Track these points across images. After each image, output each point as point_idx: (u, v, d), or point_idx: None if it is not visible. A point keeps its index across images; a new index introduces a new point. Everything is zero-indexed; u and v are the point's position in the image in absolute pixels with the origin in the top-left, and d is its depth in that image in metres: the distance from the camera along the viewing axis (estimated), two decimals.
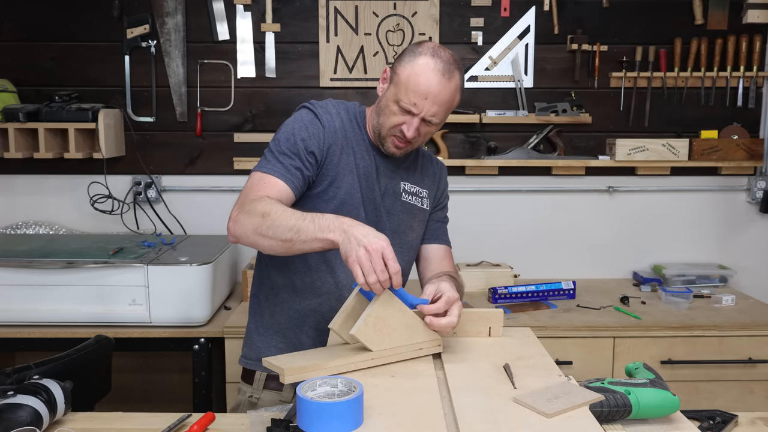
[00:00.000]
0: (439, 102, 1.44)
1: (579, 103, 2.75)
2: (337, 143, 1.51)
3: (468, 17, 2.74)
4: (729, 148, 2.73)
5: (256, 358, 1.56)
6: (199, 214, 2.80)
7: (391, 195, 1.58)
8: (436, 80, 1.43)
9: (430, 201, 1.67)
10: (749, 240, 2.89)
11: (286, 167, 1.45)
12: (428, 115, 1.45)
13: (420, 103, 1.44)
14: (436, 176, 1.70)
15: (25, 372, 1.32)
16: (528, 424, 1.05)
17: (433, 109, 1.45)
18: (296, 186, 1.45)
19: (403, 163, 1.61)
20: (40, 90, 2.71)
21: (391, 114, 1.48)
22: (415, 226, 1.63)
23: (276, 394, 1.55)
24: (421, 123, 1.47)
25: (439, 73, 1.43)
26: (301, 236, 1.28)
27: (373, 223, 1.53)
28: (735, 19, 2.74)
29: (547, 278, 2.72)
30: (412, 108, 1.44)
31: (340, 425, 1.02)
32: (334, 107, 1.56)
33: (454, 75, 1.46)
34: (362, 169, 1.53)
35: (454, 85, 1.46)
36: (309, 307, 1.54)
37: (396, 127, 1.48)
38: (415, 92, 1.43)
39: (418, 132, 1.48)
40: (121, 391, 2.15)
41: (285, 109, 2.74)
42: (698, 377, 2.30)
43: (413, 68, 1.44)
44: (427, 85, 1.42)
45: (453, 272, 1.62)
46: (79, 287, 2.21)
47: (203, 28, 2.73)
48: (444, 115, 1.49)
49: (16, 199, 2.80)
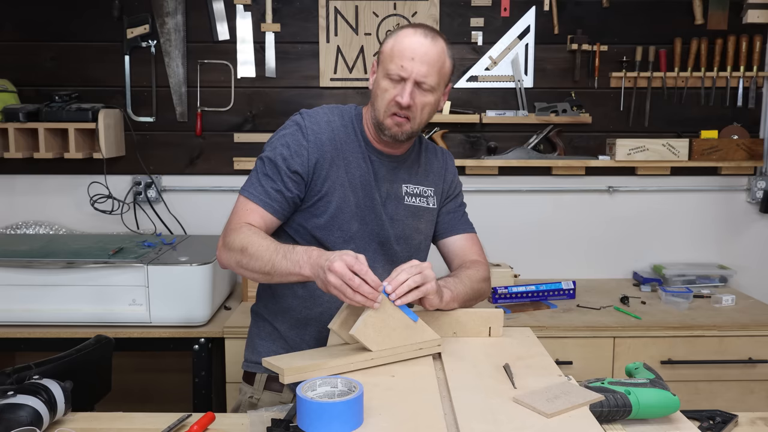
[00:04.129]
0: (427, 62, 1.43)
1: (579, 103, 2.75)
2: (325, 157, 1.49)
3: (468, 17, 2.74)
4: (729, 148, 2.73)
5: (258, 361, 1.56)
6: (199, 214, 2.80)
7: (393, 200, 1.56)
8: (419, 41, 1.43)
9: (438, 197, 1.65)
10: (749, 240, 2.89)
11: (266, 191, 1.46)
12: (419, 76, 1.43)
13: (408, 65, 1.42)
14: (441, 169, 1.67)
15: (25, 372, 1.32)
16: (528, 424, 1.05)
17: (423, 68, 1.42)
18: (278, 210, 1.47)
19: (404, 164, 1.59)
20: (40, 90, 2.71)
21: (383, 92, 1.46)
22: (421, 228, 1.61)
23: (276, 395, 1.55)
24: (415, 88, 1.44)
25: (421, 35, 1.44)
26: (277, 271, 1.34)
27: (375, 233, 1.53)
28: (735, 19, 2.74)
29: (547, 278, 2.72)
30: (401, 72, 1.43)
31: (340, 425, 1.02)
32: (326, 115, 1.53)
33: (438, 39, 1.46)
34: (358, 179, 1.52)
35: (440, 47, 1.45)
36: (310, 316, 1.54)
37: (391, 102, 1.45)
38: (400, 56, 1.43)
39: (414, 99, 1.44)
40: (121, 391, 2.14)
41: (285, 108, 2.75)
42: (698, 377, 2.30)
43: (396, 39, 1.46)
44: (412, 46, 1.43)
45: (477, 260, 1.62)
46: (79, 287, 2.20)
47: (203, 28, 2.73)
48: (436, 77, 1.45)
49: (16, 199, 2.80)
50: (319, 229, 1.50)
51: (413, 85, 1.44)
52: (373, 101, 1.51)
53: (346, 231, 1.51)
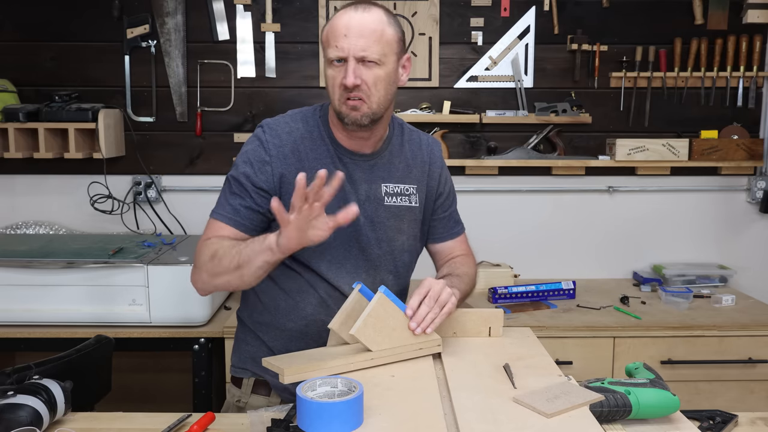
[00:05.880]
0: (363, 34, 1.33)
1: (579, 103, 2.75)
2: (290, 169, 1.42)
3: (468, 17, 2.74)
4: (729, 148, 2.73)
5: (244, 366, 1.54)
6: (199, 214, 2.76)
7: (372, 202, 1.48)
8: (350, 16, 1.35)
9: (421, 195, 1.56)
10: (749, 240, 2.89)
11: (235, 209, 1.43)
12: (358, 51, 1.33)
13: (342, 43, 1.33)
14: (426, 163, 1.57)
15: (25, 372, 1.32)
16: (528, 424, 1.05)
17: (360, 42, 1.33)
18: (248, 226, 1.43)
19: (380, 160, 1.50)
20: (40, 90, 2.71)
21: (331, 80, 1.38)
22: (404, 228, 1.53)
23: (264, 399, 1.51)
24: (359, 65, 1.34)
25: (351, 10, 1.36)
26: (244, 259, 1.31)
27: (353, 238, 1.47)
28: (735, 19, 2.74)
29: (547, 278, 2.71)
30: (338, 53, 1.34)
31: (340, 425, 1.02)
32: (287, 125, 1.47)
33: (372, 8, 1.36)
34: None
35: (375, 16, 1.35)
36: (295, 330, 1.48)
37: (340, 88, 1.36)
38: (334, 37, 1.35)
39: (359, 77, 1.34)
40: (121, 391, 2.14)
41: (285, 108, 2.68)
42: (698, 377, 2.30)
43: (330, 22, 1.39)
44: (343, 23, 1.34)
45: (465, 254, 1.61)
46: (79, 287, 2.20)
47: (203, 28, 2.73)
48: (378, 48, 1.35)
49: (16, 199, 2.80)
50: None
51: (355, 63, 1.34)
52: (329, 96, 1.42)
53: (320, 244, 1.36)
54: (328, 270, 1.46)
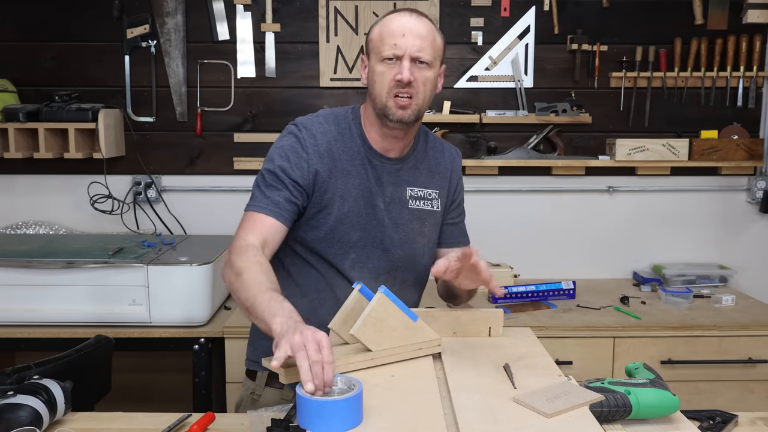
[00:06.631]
0: (419, 35, 1.42)
1: (579, 103, 2.75)
2: (324, 168, 1.47)
3: (468, 17, 2.74)
4: (729, 148, 2.73)
5: (258, 360, 1.55)
6: (199, 214, 2.80)
7: (397, 204, 1.54)
8: (406, 19, 1.44)
9: (443, 200, 1.62)
10: (749, 240, 2.89)
11: (273, 201, 1.43)
12: (414, 51, 1.41)
13: (400, 42, 1.41)
14: (447, 170, 1.64)
15: (25, 372, 1.32)
16: (528, 424, 1.05)
17: (416, 42, 1.42)
18: (287, 218, 1.44)
19: (406, 164, 1.56)
20: (40, 90, 2.71)
21: (381, 76, 1.44)
22: (426, 231, 1.59)
23: (278, 392, 1.54)
24: (413, 64, 1.42)
25: (406, 15, 1.45)
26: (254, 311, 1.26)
27: (377, 240, 1.51)
28: (735, 19, 2.74)
29: (547, 278, 2.71)
30: (395, 51, 1.41)
31: (339, 423, 1.02)
32: (321, 125, 1.51)
33: (423, 17, 1.46)
34: (357, 188, 1.49)
35: (428, 23, 1.45)
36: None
37: (391, 83, 1.43)
38: (391, 36, 1.42)
39: (414, 76, 1.42)
40: (121, 391, 2.15)
41: (285, 108, 2.75)
42: (698, 377, 2.30)
43: (382, 24, 1.46)
44: (400, 24, 1.43)
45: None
46: (79, 287, 2.20)
47: (203, 28, 2.73)
48: (431, 51, 1.44)
49: (16, 199, 2.80)
50: (319, 242, 1.49)
51: (410, 61, 1.42)
52: (370, 92, 1.48)
53: (346, 242, 1.49)
54: (351, 269, 1.50)
